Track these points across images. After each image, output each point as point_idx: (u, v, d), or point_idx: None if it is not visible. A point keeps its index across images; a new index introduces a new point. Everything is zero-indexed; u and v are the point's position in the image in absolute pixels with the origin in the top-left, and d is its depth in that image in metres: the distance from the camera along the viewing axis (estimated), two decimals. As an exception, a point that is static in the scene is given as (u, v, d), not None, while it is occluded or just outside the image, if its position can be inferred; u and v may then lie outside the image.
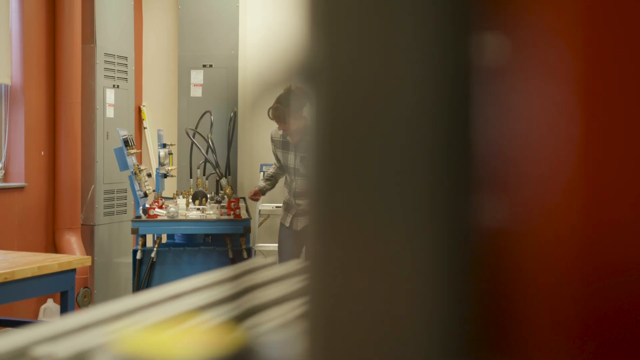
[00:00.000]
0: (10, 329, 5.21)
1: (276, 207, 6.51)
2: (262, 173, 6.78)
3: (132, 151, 4.83)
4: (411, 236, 0.54)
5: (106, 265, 6.06)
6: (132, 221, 4.53)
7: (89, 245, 5.96)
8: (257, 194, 4.98)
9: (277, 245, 6.44)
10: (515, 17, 0.53)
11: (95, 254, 5.92)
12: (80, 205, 5.87)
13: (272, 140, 4.82)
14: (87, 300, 5.63)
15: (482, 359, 0.54)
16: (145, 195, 4.86)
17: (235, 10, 6.71)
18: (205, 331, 0.59)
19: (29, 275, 3.69)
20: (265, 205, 6.58)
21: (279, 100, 4.53)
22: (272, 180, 5.03)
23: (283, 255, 4.93)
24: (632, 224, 0.49)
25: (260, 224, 6.45)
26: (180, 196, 5.41)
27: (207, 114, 5.36)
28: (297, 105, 4.54)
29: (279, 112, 4.51)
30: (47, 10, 5.67)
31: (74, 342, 0.92)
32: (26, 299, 4.91)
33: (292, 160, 4.79)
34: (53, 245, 5.78)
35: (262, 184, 5.03)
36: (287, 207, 4.81)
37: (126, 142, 4.77)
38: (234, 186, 5.99)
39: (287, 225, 4.80)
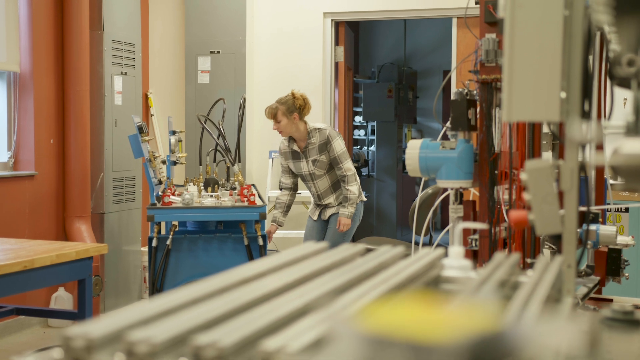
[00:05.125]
0: (24, 317, 5.20)
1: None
2: (270, 160, 6.76)
3: (147, 138, 4.81)
4: None
5: (116, 253, 6.05)
6: (148, 208, 4.50)
7: (98, 233, 5.94)
8: (270, 235, 5.20)
9: (294, 233, 6.63)
10: None
11: (104, 241, 5.90)
12: (90, 193, 5.85)
13: (281, 154, 5.08)
14: (99, 288, 5.61)
15: None
16: (160, 182, 4.83)
17: (242, -5, 6.68)
18: (456, 312, 0.57)
19: (48, 263, 3.68)
20: (274, 192, 6.57)
21: (278, 101, 4.91)
22: (284, 207, 5.20)
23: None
24: None
25: (269, 211, 6.43)
26: (191, 183, 5.39)
27: (220, 101, 5.34)
28: (291, 107, 4.86)
29: (274, 110, 4.87)
30: (54, -4, 5.62)
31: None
32: (45, 287, 4.90)
33: (305, 167, 4.94)
34: (63, 233, 5.76)
35: (275, 214, 5.18)
36: (315, 206, 5.14)
37: (140, 129, 4.74)
38: (242, 173, 5.97)
39: (315, 218, 5.11)
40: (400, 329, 0.51)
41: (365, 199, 5.13)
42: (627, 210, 5.01)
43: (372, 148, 10.36)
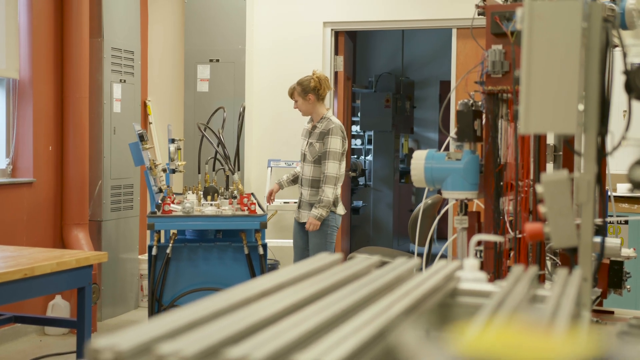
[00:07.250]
0: (20, 324, 5.16)
1: (284, 202, 6.47)
2: (269, 169, 6.76)
3: (147, 146, 4.79)
4: None
5: (113, 261, 6.02)
6: (148, 217, 4.48)
7: (96, 240, 5.91)
8: (272, 194, 5.32)
9: (290, 242, 6.59)
10: None
11: (102, 249, 5.87)
12: (88, 200, 5.82)
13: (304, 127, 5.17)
14: (96, 296, 5.58)
15: None
16: (160, 190, 4.81)
17: (242, 3, 6.67)
18: (551, 335, 0.56)
19: (48, 271, 3.65)
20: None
21: (298, 81, 5.05)
22: (293, 175, 5.28)
23: (295, 250, 5.09)
24: None
25: (269, 219, 6.42)
26: (190, 192, 5.37)
27: (220, 109, 5.33)
28: (306, 88, 4.93)
29: (292, 89, 5.05)
30: (54, 4, 5.61)
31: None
32: (45, 295, 4.87)
33: (304, 145, 4.96)
34: (61, 241, 5.73)
35: (283, 177, 5.32)
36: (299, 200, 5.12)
37: (141, 137, 4.73)
38: (241, 182, 5.95)
39: (295, 216, 5.10)
40: (500, 354, 0.49)
41: (342, 213, 4.95)
42: (626, 222, 5.01)
43: (369, 157, 10.37)
